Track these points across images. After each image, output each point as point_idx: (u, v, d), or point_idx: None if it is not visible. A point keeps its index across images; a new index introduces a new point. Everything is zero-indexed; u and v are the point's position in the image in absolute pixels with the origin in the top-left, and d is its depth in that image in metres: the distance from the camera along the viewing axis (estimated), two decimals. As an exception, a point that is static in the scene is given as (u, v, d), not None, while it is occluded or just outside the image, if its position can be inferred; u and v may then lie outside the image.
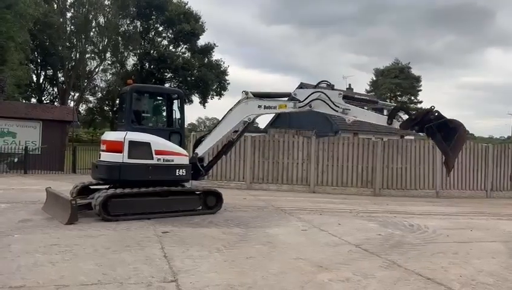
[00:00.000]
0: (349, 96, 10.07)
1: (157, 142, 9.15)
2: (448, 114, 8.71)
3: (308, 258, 6.30)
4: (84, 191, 9.55)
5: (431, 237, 8.30)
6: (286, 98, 10.02)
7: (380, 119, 9.60)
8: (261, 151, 15.52)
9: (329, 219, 9.84)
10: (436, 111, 8.69)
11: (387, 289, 5.15)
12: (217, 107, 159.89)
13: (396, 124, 9.29)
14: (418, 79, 69.70)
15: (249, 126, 10.34)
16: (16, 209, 9.27)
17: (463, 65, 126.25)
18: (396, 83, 66.98)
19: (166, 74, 47.59)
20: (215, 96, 50.17)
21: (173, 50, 48.27)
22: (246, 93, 10.00)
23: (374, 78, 71.68)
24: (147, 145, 9.01)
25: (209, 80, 46.14)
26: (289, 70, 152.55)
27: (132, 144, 8.88)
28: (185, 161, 9.58)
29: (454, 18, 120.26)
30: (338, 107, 9.46)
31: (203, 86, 46.79)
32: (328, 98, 9.50)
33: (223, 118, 10.24)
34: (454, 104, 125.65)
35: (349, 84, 49.37)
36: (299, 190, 15.16)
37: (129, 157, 8.82)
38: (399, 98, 70.02)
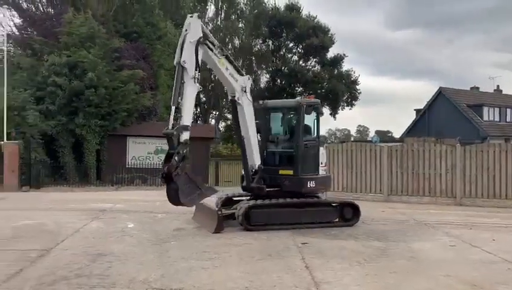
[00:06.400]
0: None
1: None
2: None
3: (460, 276, 5.83)
4: (228, 202, 10.22)
5: None
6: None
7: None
8: (399, 161, 14.81)
9: (481, 234, 8.95)
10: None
11: (560, 316, 4.51)
12: (344, 116, 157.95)
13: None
14: None
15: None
16: (170, 219, 10.33)
17: None
18: (556, 81, 58.16)
19: (297, 88, 48.53)
20: (345, 107, 49.51)
21: (303, 64, 49.05)
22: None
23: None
24: None
25: (339, 90, 45.78)
26: (421, 75, 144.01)
27: None
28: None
29: None
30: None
31: (333, 97, 46.57)
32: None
33: (241, 129, 9.67)
34: None
35: (498, 86, 44.74)
36: (442, 203, 14.05)
37: None
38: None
